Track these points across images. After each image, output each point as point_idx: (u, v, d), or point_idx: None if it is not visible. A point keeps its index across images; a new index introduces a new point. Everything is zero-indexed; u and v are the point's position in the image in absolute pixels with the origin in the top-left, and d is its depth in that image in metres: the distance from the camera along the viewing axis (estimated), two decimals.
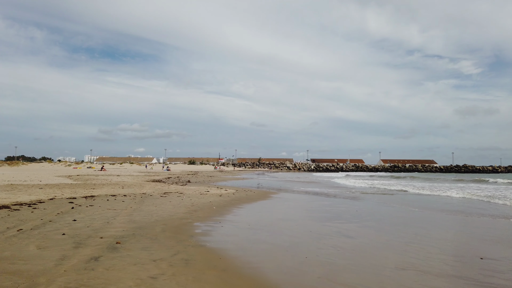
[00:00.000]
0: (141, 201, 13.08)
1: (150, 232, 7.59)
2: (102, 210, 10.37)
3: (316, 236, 7.98)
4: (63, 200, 12.28)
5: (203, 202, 13.64)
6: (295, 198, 17.23)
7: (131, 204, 12.09)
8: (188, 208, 11.90)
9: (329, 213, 12.00)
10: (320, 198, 17.93)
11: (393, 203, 16.04)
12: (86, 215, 9.38)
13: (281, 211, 12.37)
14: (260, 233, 8.16)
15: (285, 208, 13.40)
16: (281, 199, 16.53)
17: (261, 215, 11.17)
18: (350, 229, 8.97)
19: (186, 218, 9.83)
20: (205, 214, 10.71)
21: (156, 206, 11.97)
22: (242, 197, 16.50)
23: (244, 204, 13.77)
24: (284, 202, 15.28)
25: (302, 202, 15.66)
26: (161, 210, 10.98)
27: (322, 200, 16.70)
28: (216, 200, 14.54)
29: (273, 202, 15.22)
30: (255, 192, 19.52)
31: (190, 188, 20.82)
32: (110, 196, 14.19)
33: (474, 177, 52.75)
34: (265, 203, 14.71)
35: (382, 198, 18.27)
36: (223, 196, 16.32)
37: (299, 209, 13.21)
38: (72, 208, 10.49)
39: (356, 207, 14.23)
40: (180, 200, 13.90)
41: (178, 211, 11.10)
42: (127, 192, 16.62)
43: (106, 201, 12.57)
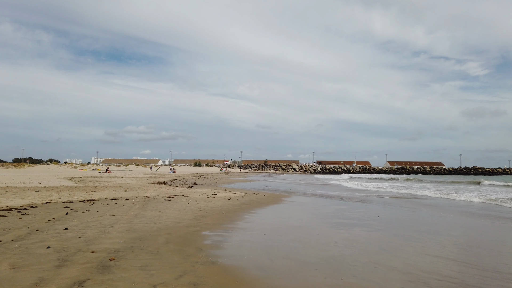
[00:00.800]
0: (144, 206, 11.99)
1: (152, 243, 6.48)
2: (99, 216, 9.29)
3: (343, 248, 6.82)
4: (58, 205, 11.22)
5: (211, 207, 12.52)
6: (309, 202, 16.05)
7: (132, 209, 11.00)
8: (195, 213, 10.78)
9: (350, 219, 10.82)
10: (335, 201, 16.73)
11: (415, 207, 14.79)
12: (81, 222, 8.29)
13: (297, 217, 11.21)
14: (280, 244, 7.01)
15: (301, 213, 12.23)
16: (294, 203, 15.36)
17: (276, 222, 10.02)
18: (380, 239, 7.78)
19: (193, 225, 8.71)
20: (214, 221, 9.58)
21: (160, 211, 10.87)
22: (252, 200, 15.36)
23: (255, 209, 12.62)
24: (298, 207, 14.11)
25: (317, 206, 14.48)
26: (165, 216, 9.87)
27: (337, 204, 15.51)
28: (225, 204, 13.41)
29: (287, 206, 14.05)
30: (265, 195, 18.37)
31: (197, 190, 19.72)
32: (110, 200, 13.13)
33: (487, 179, 51.11)
34: (278, 207, 13.55)
35: (401, 202, 17.01)
36: (232, 200, 15.19)
37: (316, 214, 12.04)
38: (67, 214, 9.41)
39: (376, 212, 13.04)
40: (186, 204, 12.80)
41: (184, 217, 9.99)
42: (130, 195, 15.56)
43: (106, 206, 11.50)
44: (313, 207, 14.15)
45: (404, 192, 23.78)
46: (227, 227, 8.70)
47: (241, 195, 17.85)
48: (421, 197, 20.05)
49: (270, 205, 14.11)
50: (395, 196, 20.38)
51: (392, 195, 21.17)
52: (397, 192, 23.91)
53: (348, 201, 17.01)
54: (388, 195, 21.49)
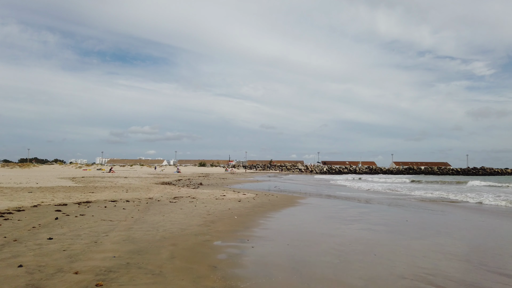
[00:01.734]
0: (146, 209, 10.71)
1: (153, 259, 5.18)
2: (93, 222, 8.01)
3: (388, 263, 5.48)
4: (49, 208, 9.96)
5: (221, 210, 11.22)
6: (326, 204, 14.69)
7: (132, 213, 9.72)
8: (204, 218, 9.49)
9: (378, 224, 9.48)
10: (353, 204, 15.36)
11: (441, 209, 13.39)
12: (70, 230, 7.01)
13: (319, 222, 9.86)
14: (310, 259, 5.69)
15: (321, 217, 10.88)
16: (310, 205, 14.01)
17: (297, 228, 8.68)
18: (426, 250, 6.42)
19: (202, 233, 7.41)
20: (226, 227, 8.27)
21: (163, 215, 9.58)
22: (264, 203, 14.04)
23: (270, 213, 11.30)
24: (316, 210, 12.76)
25: (336, 209, 13.13)
26: (169, 221, 8.58)
27: (357, 207, 14.14)
28: (235, 207, 12.11)
29: (303, 209, 12.71)
30: (277, 196, 17.03)
31: (203, 191, 18.43)
32: (109, 202, 11.86)
33: (499, 180, 49.33)
34: (294, 210, 12.21)
35: (424, 205, 15.61)
36: (242, 202, 13.88)
37: (338, 219, 10.69)
38: (56, 219, 8.15)
39: (402, 215, 11.71)
40: (193, 207, 11.51)
41: (191, 222, 8.69)
42: (131, 196, 14.29)
43: (103, 209, 10.23)
44: (333, 210, 12.80)
45: (419, 194, 22.35)
46: (243, 236, 7.38)
47: (251, 196, 16.53)
48: (442, 200, 18.62)
49: (285, 208, 12.78)
50: (419, 199, 18.96)
51: (409, 197, 19.75)
52: (410, 194, 22.50)
53: (366, 203, 15.64)
54: (408, 197, 20.08)
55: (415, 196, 20.06)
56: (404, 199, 18.00)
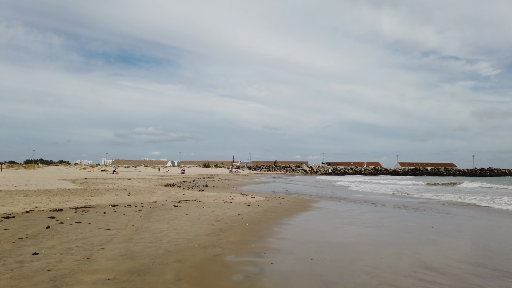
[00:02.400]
0: (149, 214, 9.81)
1: (155, 282, 4.27)
2: (89, 232, 7.11)
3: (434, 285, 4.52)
4: (42, 214, 9.08)
5: (230, 216, 10.30)
6: (341, 209, 13.71)
7: (134, 220, 8.82)
8: (212, 225, 8.56)
9: (403, 232, 8.52)
10: (369, 207, 14.39)
11: (466, 213, 12.37)
12: (61, 242, 6.12)
13: (339, 229, 8.89)
14: (343, 279, 4.74)
15: (340, 223, 9.91)
16: (325, 210, 13.04)
17: (318, 238, 7.73)
18: (470, 263, 5.45)
19: (212, 244, 6.49)
20: (238, 237, 7.35)
21: (168, 222, 8.68)
22: (276, 207, 13.09)
23: (284, 219, 10.36)
24: (333, 215, 11.79)
25: (353, 213, 12.17)
26: (174, 230, 7.67)
27: (375, 211, 13.18)
28: (245, 212, 11.18)
29: (319, 214, 11.74)
30: (288, 200, 16.07)
31: (210, 194, 17.52)
32: (109, 207, 10.97)
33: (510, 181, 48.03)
34: (310, 216, 11.25)
35: (442, 209, 14.59)
36: (252, 206, 12.95)
37: (359, 225, 9.72)
38: (48, 228, 7.26)
39: (425, 221, 10.81)
40: (199, 212, 10.60)
41: (198, 230, 7.77)
42: (134, 200, 13.40)
43: (102, 215, 9.34)
44: (350, 215, 11.83)
45: (433, 196, 21.29)
46: (258, 248, 6.45)
47: (261, 199, 15.59)
48: (460, 203, 17.56)
49: (299, 212, 11.82)
50: (433, 202, 17.92)
51: (423, 199, 18.71)
52: (424, 196, 21.45)
53: (382, 207, 14.65)
54: (416, 199, 19.04)
55: (431, 199, 19.03)
56: (419, 202, 16.98)
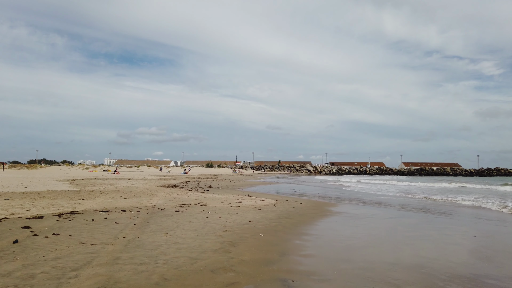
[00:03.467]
0: (145, 222, 8.32)
1: None
2: (66, 248, 5.63)
3: None
4: (16, 223, 7.58)
5: (240, 223, 8.81)
6: (363, 213, 12.16)
7: (126, 230, 7.33)
8: (220, 236, 7.07)
9: (449, 244, 6.99)
10: (393, 212, 12.87)
11: (500, 216, 10.82)
12: (23, 265, 4.64)
13: (375, 242, 7.36)
14: None
15: (371, 233, 8.37)
16: (347, 215, 11.50)
17: (353, 253, 6.20)
18: None
19: (222, 267, 5.00)
20: (253, 254, 5.85)
21: (167, 233, 7.19)
22: (290, 212, 11.59)
23: (303, 227, 8.85)
24: (358, 221, 10.23)
25: (378, 220, 10.64)
26: (174, 244, 6.19)
27: (400, 216, 11.67)
28: (257, 219, 9.68)
29: (342, 221, 10.21)
30: (302, 203, 14.54)
31: (214, 196, 16.03)
32: (100, 213, 9.49)
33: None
34: (332, 223, 9.73)
35: (469, 212, 13.02)
36: (263, 211, 11.45)
37: (394, 234, 8.20)
38: (15, 243, 5.78)
39: (464, 228, 9.27)
40: (204, 219, 9.11)
41: (204, 245, 6.28)
42: (130, 204, 11.93)
43: (89, 223, 7.86)
44: (378, 221, 10.30)
45: (448, 198, 19.70)
46: (282, 271, 4.94)
47: (271, 202, 14.08)
48: (477, 207, 15.96)
49: (318, 219, 10.30)
50: (444, 202, 16.32)
51: (443, 202, 17.11)
52: (442, 198, 19.85)
53: (405, 210, 13.11)
54: (435, 201, 17.45)
55: (455, 201, 17.43)
56: (442, 205, 15.39)
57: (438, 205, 15.63)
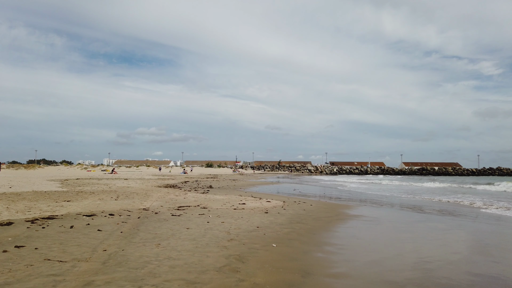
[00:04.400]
0: (134, 229, 6.98)
1: None
2: (24, 267, 4.30)
3: None
4: None
5: (247, 230, 7.47)
6: (384, 217, 10.82)
7: (109, 240, 5.99)
8: (224, 248, 5.74)
9: (502, 258, 5.68)
10: (417, 216, 11.55)
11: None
12: None
13: (417, 253, 6.02)
14: None
15: (408, 242, 7.04)
16: (366, 219, 10.14)
17: (397, 272, 4.87)
18: None
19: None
20: (268, 274, 4.53)
21: (159, 244, 5.85)
22: (301, 215, 10.25)
23: (321, 233, 7.51)
24: (383, 227, 8.88)
25: (406, 225, 9.32)
26: (167, 261, 4.85)
27: (425, 220, 10.35)
28: (266, 224, 8.34)
29: (364, 226, 8.85)
30: (312, 205, 13.19)
31: (216, 197, 14.68)
32: (82, 218, 8.15)
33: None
34: (353, 230, 8.37)
35: (495, 215, 11.70)
36: (271, 214, 10.12)
37: (433, 243, 6.87)
38: None
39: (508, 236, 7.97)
40: (204, 225, 7.76)
41: (205, 260, 4.95)
42: (120, 206, 10.58)
43: (65, 232, 6.52)
44: (405, 227, 8.98)
45: (464, 201, 18.37)
46: None
47: (278, 204, 12.75)
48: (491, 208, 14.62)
49: (335, 224, 8.95)
50: (464, 204, 14.98)
51: (463, 204, 15.77)
52: (460, 201, 18.52)
53: (426, 213, 11.79)
54: (454, 204, 16.11)
55: (475, 203, 16.09)
56: (458, 206, 14.05)
57: (454, 207, 14.29)
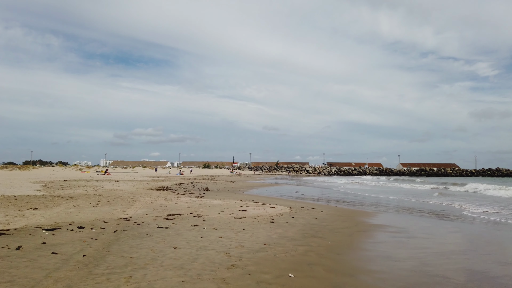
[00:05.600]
0: (103, 251, 5.25)
1: None
2: None
3: None
4: None
5: (251, 248, 5.77)
6: (414, 227, 9.12)
7: (60, 271, 4.26)
8: (223, 282, 4.03)
9: None
10: (454, 225, 9.88)
11: None
12: None
13: (480, 273, 4.34)
14: None
15: (461, 260, 5.36)
16: (394, 230, 8.44)
17: None
18: None
19: None
20: None
21: (130, 276, 4.15)
22: (313, 225, 8.55)
23: (346, 253, 5.81)
24: (421, 242, 7.17)
25: (444, 237, 7.65)
26: None
27: (461, 229, 8.67)
28: (274, 239, 6.64)
29: (397, 242, 7.15)
30: (323, 211, 11.48)
31: (212, 203, 12.96)
32: (43, 232, 6.40)
33: None
34: (384, 245, 6.67)
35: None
36: (278, 224, 8.42)
37: (488, 256, 5.19)
38: None
39: None
40: (197, 241, 6.04)
41: None
42: (97, 215, 8.83)
43: (6, 256, 4.79)
44: (448, 241, 7.29)
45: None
46: None
47: (284, 211, 11.05)
48: None
49: (359, 238, 7.25)
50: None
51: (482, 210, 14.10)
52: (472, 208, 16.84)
53: (456, 221, 10.11)
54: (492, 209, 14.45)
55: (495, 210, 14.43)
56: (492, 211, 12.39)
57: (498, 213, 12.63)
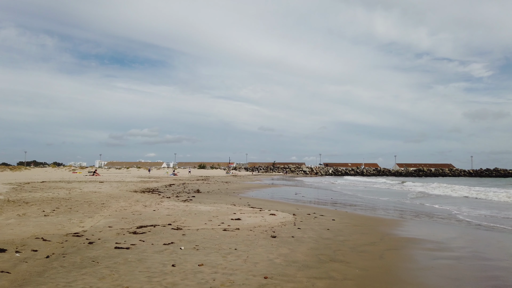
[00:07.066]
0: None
1: None
2: None
3: None
4: None
5: (246, 285, 3.72)
6: (456, 241, 7.14)
7: None
8: None
9: None
10: (487, 233, 7.91)
11: None
12: None
13: None
14: None
15: None
16: (434, 247, 6.44)
17: None
18: None
19: None
20: None
21: None
22: (327, 240, 6.54)
23: (383, 286, 3.80)
24: (472, 263, 5.19)
25: (498, 251, 5.70)
26: None
27: (507, 239, 6.68)
28: (278, 266, 4.62)
29: (449, 265, 5.13)
30: (335, 219, 9.46)
31: (199, 208, 10.90)
32: None
33: None
34: (433, 271, 4.66)
35: None
36: (281, 239, 6.41)
37: None
38: None
39: None
40: (166, 274, 4.02)
41: None
42: (39, 229, 6.77)
43: None
44: (498, 255, 5.31)
45: None
46: None
47: (287, 219, 9.03)
48: None
49: (393, 260, 5.25)
50: None
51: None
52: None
53: (493, 230, 8.13)
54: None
55: None
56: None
57: None
